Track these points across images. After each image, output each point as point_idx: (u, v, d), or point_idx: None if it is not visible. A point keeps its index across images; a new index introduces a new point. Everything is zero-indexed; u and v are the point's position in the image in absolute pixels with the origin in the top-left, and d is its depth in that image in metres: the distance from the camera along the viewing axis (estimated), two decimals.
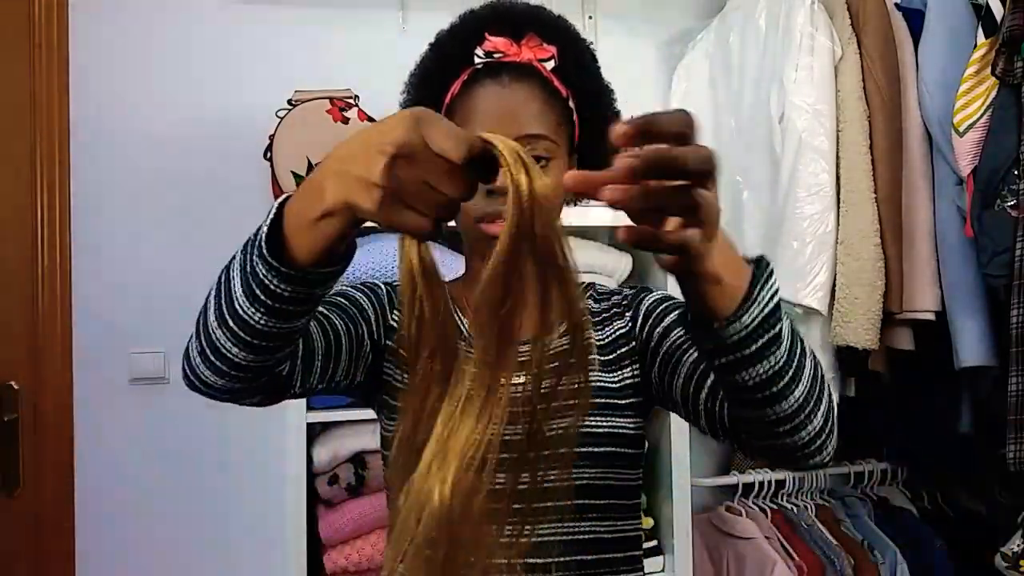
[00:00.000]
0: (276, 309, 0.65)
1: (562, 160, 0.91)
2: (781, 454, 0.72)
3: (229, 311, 0.66)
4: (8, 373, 1.76)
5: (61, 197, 1.81)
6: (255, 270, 0.64)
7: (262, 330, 0.66)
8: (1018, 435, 1.48)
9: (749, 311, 0.61)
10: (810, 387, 0.68)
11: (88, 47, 1.84)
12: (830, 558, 1.80)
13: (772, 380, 0.65)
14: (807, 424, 0.69)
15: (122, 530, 1.82)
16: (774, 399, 0.66)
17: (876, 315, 1.66)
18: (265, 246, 0.62)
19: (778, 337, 0.63)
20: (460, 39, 0.93)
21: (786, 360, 0.65)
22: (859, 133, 1.70)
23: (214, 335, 0.68)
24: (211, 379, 0.71)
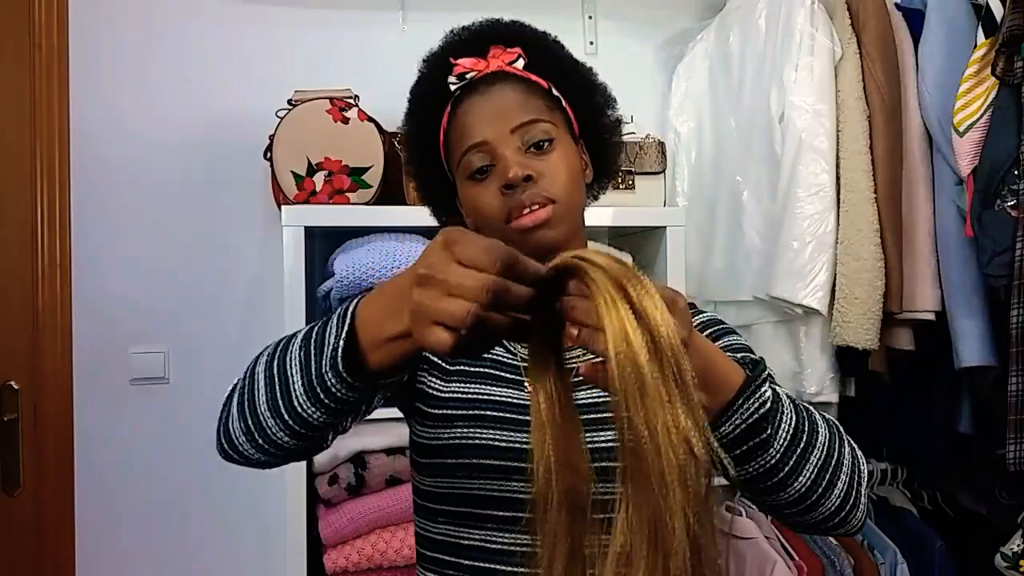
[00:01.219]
0: (337, 410, 0.66)
1: (565, 140, 0.91)
2: (798, 527, 0.73)
3: (286, 407, 0.67)
4: (8, 373, 1.76)
5: (61, 197, 1.81)
6: (323, 377, 0.64)
7: (318, 424, 0.67)
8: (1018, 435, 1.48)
9: (729, 422, 0.61)
10: (816, 475, 0.67)
11: (88, 47, 1.84)
12: (830, 558, 1.80)
13: (764, 477, 0.65)
14: (819, 505, 0.68)
15: (122, 530, 1.82)
16: (772, 490, 0.67)
17: (876, 315, 1.66)
18: (341, 359, 0.62)
19: (766, 443, 0.63)
20: (434, 74, 0.94)
21: (780, 459, 0.65)
22: (859, 133, 1.70)
23: (266, 424, 0.69)
24: (254, 456, 0.73)
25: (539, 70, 0.92)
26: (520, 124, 0.87)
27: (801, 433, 0.67)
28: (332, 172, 1.61)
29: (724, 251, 1.92)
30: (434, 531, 0.90)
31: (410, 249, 1.58)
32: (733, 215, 1.89)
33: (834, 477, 0.69)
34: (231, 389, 0.75)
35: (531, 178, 0.86)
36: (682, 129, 2.07)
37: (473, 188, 0.89)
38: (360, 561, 1.61)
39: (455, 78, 0.91)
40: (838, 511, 0.70)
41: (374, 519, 1.61)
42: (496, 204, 0.87)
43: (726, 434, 0.62)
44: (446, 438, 0.86)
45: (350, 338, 0.63)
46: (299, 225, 1.54)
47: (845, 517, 0.71)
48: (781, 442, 0.64)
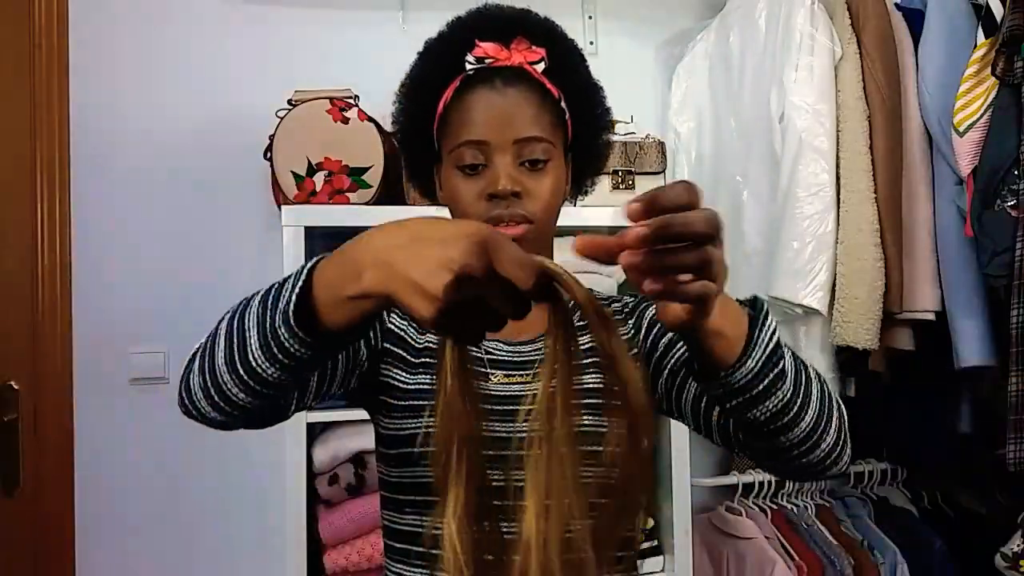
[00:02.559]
0: (291, 367, 0.66)
1: (559, 161, 0.92)
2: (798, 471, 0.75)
3: (242, 361, 0.67)
4: (8, 373, 1.75)
5: (61, 197, 1.81)
6: (276, 331, 0.64)
7: (273, 382, 0.67)
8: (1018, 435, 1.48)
9: (752, 355, 0.64)
10: (819, 410, 0.70)
11: (88, 47, 1.84)
12: (830, 558, 1.80)
13: (781, 413, 0.67)
14: (820, 443, 0.71)
15: (122, 530, 1.82)
16: (785, 428, 0.69)
17: (876, 315, 1.66)
18: (294, 314, 0.62)
19: (782, 373, 0.66)
20: (450, 47, 0.93)
21: (792, 391, 0.67)
22: (859, 133, 1.70)
23: (221, 379, 0.69)
24: (210, 414, 0.73)
25: (556, 77, 0.92)
26: (525, 138, 0.88)
27: (800, 365, 0.69)
28: (332, 172, 1.61)
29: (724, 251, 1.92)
30: (401, 523, 0.90)
31: None
32: (733, 215, 1.89)
33: (831, 409, 0.72)
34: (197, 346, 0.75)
35: (518, 195, 0.87)
36: (682, 129, 2.07)
37: (459, 180, 0.90)
38: (360, 561, 1.61)
39: (473, 59, 0.91)
40: (834, 447, 0.73)
41: (374, 519, 1.61)
42: (477, 206, 0.88)
43: (752, 368, 0.64)
44: (412, 427, 0.87)
45: (304, 294, 0.63)
46: (299, 225, 1.54)
47: (839, 454, 0.74)
48: (791, 372, 0.67)
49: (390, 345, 0.91)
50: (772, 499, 1.93)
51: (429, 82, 0.94)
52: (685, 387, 0.84)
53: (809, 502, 1.94)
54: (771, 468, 0.80)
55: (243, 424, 0.74)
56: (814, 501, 1.95)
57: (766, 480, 1.90)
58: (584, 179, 1.02)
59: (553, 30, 0.96)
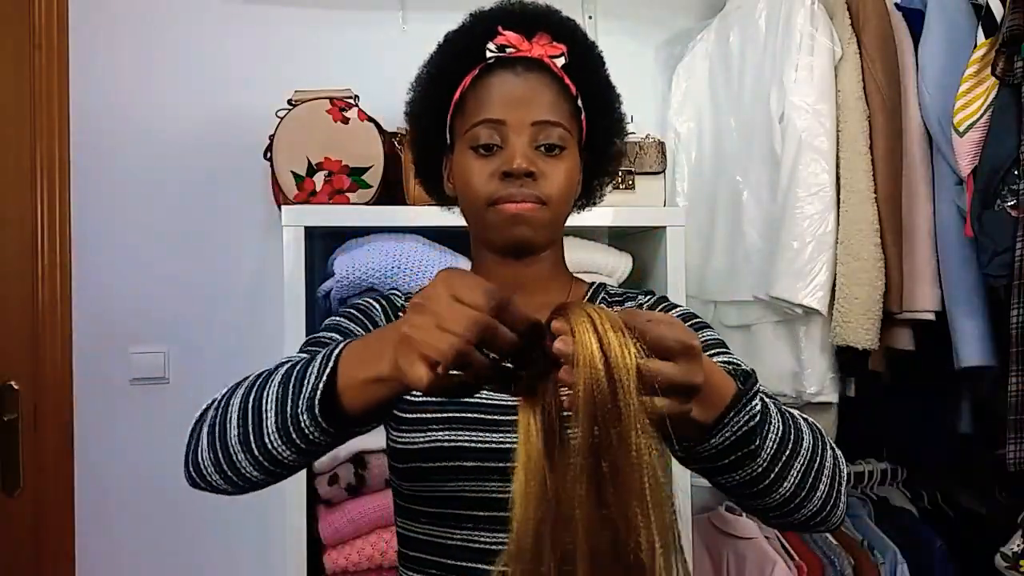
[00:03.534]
0: (307, 451, 0.66)
1: (574, 152, 0.91)
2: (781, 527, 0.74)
3: (257, 443, 0.67)
4: (8, 373, 1.76)
5: (61, 197, 1.81)
6: (297, 417, 0.64)
7: (288, 463, 0.67)
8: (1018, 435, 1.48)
9: (719, 435, 0.61)
10: (800, 480, 0.68)
11: (88, 47, 1.84)
12: (830, 558, 1.80)
13: (750, 483, 0.65)
14: (801, 509, 0.69)
15: (122, 530, 1.82)
16: (757, 496, 0.67)
17: (876, 315, 1.66)
18: (319, 402, 0.62)
19: (753, 454, 0.63)
20: (472, 36, 0.92)
21: (766, 468, 0.65)
22: (859, 133, 1.70)
23: (235, 457, 0.69)
24: (222, 486, 0.74)
25: (575, 75, 0.92)
26: (543, 120, 0.87)
27: (787, 442, 0.67)
28: (332, 172, 1.61)
29: (724, 251, 1.92)
30: (417, 531, 0.90)
31: (410, 249, 1.58)
32: (733, 215, 1.89)
33: (816, 481, 0.69)
34: (201, 414, 0.75)
35: (532, 175, 0.86)
36: (682, 129, 2.07)
37: (472, 160, 0.88)
38: (360, 561, 1.61)
39: (495, 47, 0.90)
40: (819, 512, 0.71)
41: (374, 519, 1.61)
42: (489, 185, 0.87)
43: (716, 445, 0.62)
44: (421, 442, 0.86)
45: (330, 381, 0.63)
46: (299, 225, 1.54)
47: (826, 517, 0.72)
48: (768, 452, 0.65)
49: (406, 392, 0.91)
50: None
51: (449, 69, 0.93)
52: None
53: None
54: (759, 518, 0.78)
55: (251, 491, 0.75)
56: None
57: None
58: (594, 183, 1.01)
59: (575, 30, 0.95)
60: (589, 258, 1.72)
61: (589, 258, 1.72)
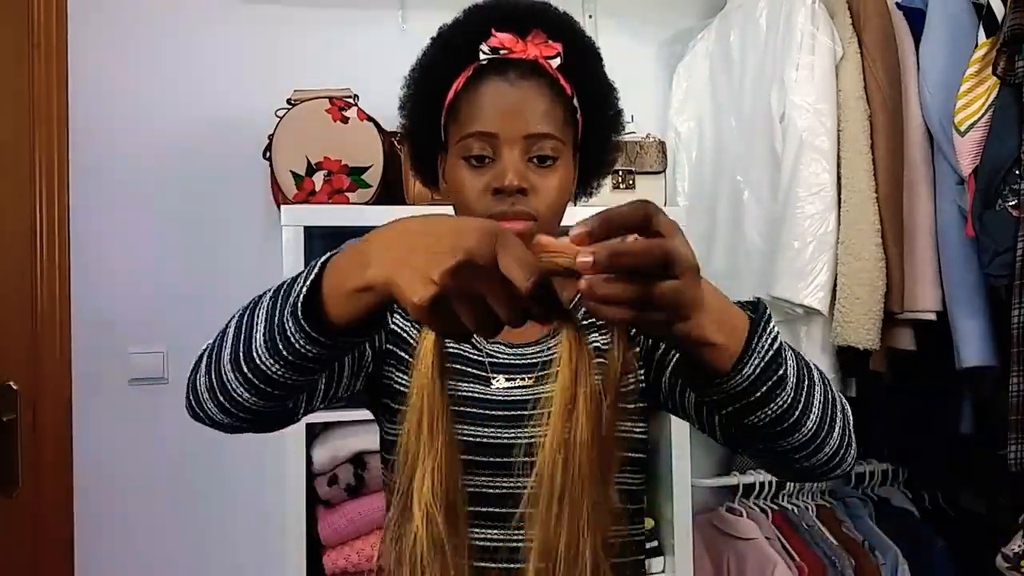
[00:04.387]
0: (297, 365, 0.65)
1: (567, 159, 0.91)
2: (801, 474, 0.73)
3: (246, 359, 0.66)
4: (7, 373, 1.75)
5: (60, 197, 1.81)
6: (283, 325, 0.63)
7: (278, 381, 0.66)
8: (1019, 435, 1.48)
9: (749, 363, 0.61)
10: (822, 413, 0.68)
11: (88, 47, 1.84)
12: (831, 559, 1.80)
13: (782, 418, 0.65)
14: (824, 447, 0.69)
15: (121, 530, 1.81)
16: (786, 433, 0.67)
17: (877, 315, 1.66)
18: (301, 307, 0.62)
19: (782, 379, 0.63)
20: (465, 34, 0.92)
21: (793, 396, 0.65)
22: (860, 133, 1.70)
23: (226, 377, 0.68)
24: (217, 416, 0.72)
25: (570, 74, 0.91)
26: (535, 133, 0.86)
27: (803, 369, 0.67)
28: (331, 172, 1.61)
29: (725, 251, 1.92)
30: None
31: None
32: (734, 215, 1.89)
33: (834, 412, 0.70)
34: (203, 348, 0.74)
35: (524, 191, 0.86)
36: (682, 128, 2.07)
37: (464, 171, 0.88)
38: (360, 562, 1.61)
39: (488, 49, 0.89)
40: (839, 449, 0.71)
41: (374, 519, 1.61)
42: (482, 201, 0.86)
43: (749, 375, 0.61)
44: None
45: (315, 288, 0.62)
46: (298, 225, 1.54)
47: (844, 456, 0.72)
48: (792, 378, 0.65)
49: (392, 346, 0.90)
50: (773, 500, 1.92)
51: (441, 69, 0.92)
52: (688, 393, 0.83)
53: (810, 503, 1.93)
54: (774, 470, 0.79)
55: (251, 427, 0.74)
56: (815, 502, 1.94)
57: (767, 481, 1.90)
58: (591, 179, 1.01)
59: (572, 27, 0.94)
60: None
61: None
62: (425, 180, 1.01)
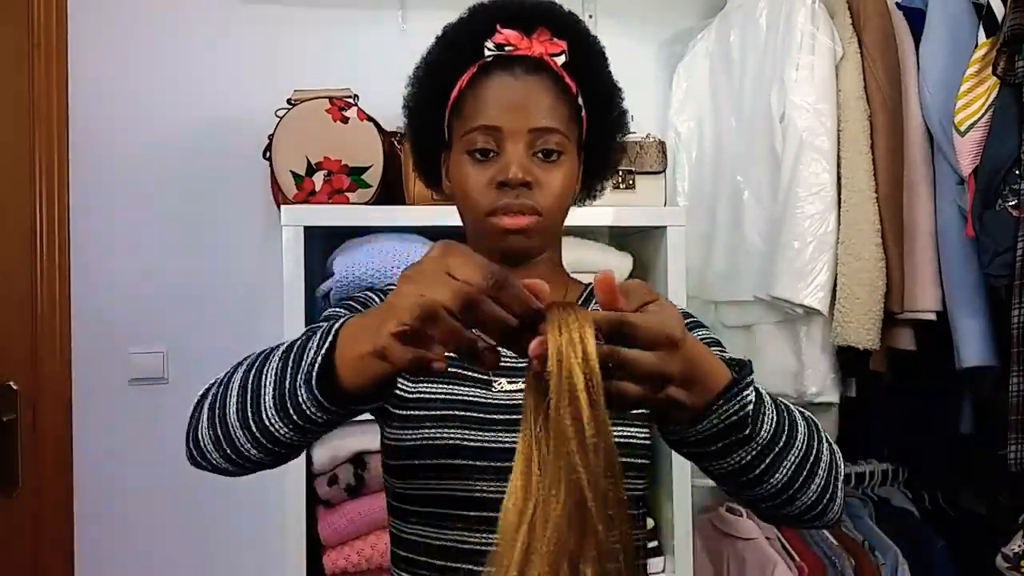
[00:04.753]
0: (306, 429, 0.65)
1: (572, 156, 0.91)
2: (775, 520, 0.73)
3: (255, 420, 0.66)
4: (7, 373, 1.75)
5: (60, 196, 1.81)
6: (295, 392, 0.63)
7: (286, 442, 0.66)
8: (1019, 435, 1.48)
9: (710, 419, 0.60)
10: (795, 471, 0.67)
11: (87, 47, 1.84)
12: (831, 559, 1.80)
13: (741, 471, 0.64)
14: (797, 498, 0.68)
15: (121, 530, 1.81)
16: (748, 485, 0.66)
17: (877, 315, 1.66)
18: (316, 376, 0.61)
19: (744, 441, 0.62)
20: (470, 31, 0.92)
21: (759, 454, 0.64)
22: (860, 133, 1.70)
23: (234, 434, 0.69)
24: (222, 465, 0.73)
25: (575, 72, 0.91)
26: (540, 127, 0.86)
27: (781, 433, 0.66)
28: (331, 172, 1.61)
29: (725, 251, 1.92)
30: (407, 531, 0.89)
31: (410, 249, 1.58)
32: (734, 215, 1.89)
33: (811, 474, 0.69)
34: (202, 393, 0.75)
35: (528, 185, 0.85)
36: (683, 128, 2.07)
37: (468, 166, 0.88)
38: (360, 562, 1.60)
39: (493, 45, 0.89)
40: (814, 506, 0.70)
41: (374, 520, 1.61)
42: (486, 195, 0.86)
43: (704, 431, 0.61)
44: (414, 439, 0.86)
45: (329, 356, 0.62)
46: (298, 225, 1.54)
47: (822, 511, 0.71)
48: (760, 441, 0.64)
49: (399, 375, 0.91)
50: None
51: (446, 66, 0.92)
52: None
53: None
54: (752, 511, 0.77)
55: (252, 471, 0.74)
56: None
57: None
58: (594, 180, 1.00)
59: (577, 25, 0.94)
60: (589, 258, 1.72)
61: (589, 258, 1.72)
62: (428, 180, 1.01)
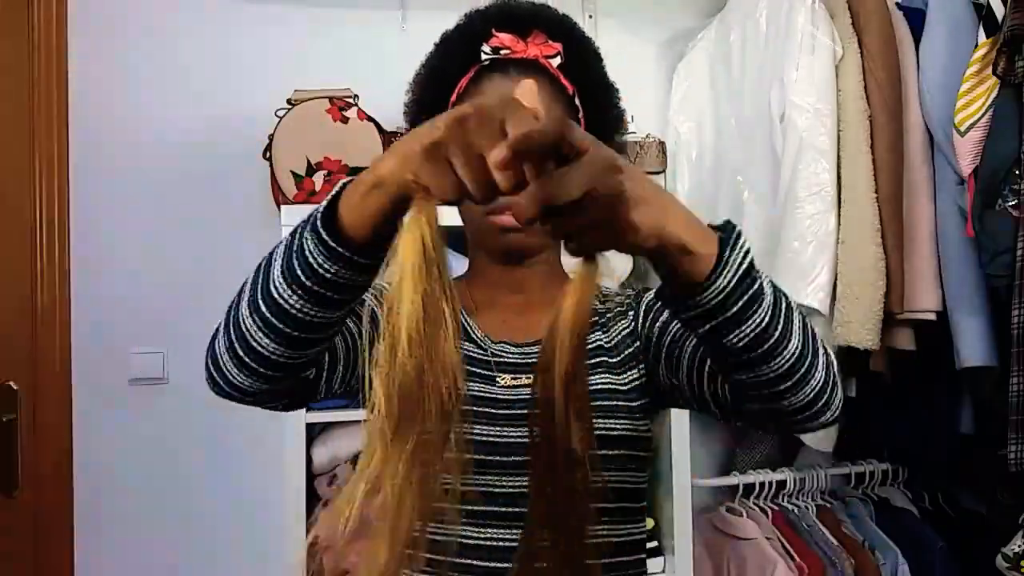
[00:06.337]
0: (315, 293, 0.64)
1: None
2: (789, 417, 0.70)
3: (264, 295, 0.66)
4: (7, 374, 1.75)
5: (60, 196, 1.81)
6: (303, 246, 0.63)
7: (296, 316, 0.65)
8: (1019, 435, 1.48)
9: (723, 273, 0.61)
10: (803, 341, 0.66)
11: (88, 47, 1.84)
12: (831, 559, 1.80)
13: (760, 338, 0.63)
14: (808, 380, 0.67)
15: (121, 531, 1.81)
16: (766, 357, 0.65)
17: (877, 315, 1.66)
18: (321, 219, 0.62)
19: (758, 296, 0.63)
20: (467, 37, 0.93)
21: (771, 316, 0.64)
22: (860, 133, 1.70)
23: (244, 323, 0.67)
24: (237, 377, 0.70)
25: (571, 73, 0.92)
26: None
27: (779, 293, 0.66)
28: (332, 172, 1.61)
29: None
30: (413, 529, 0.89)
31: None
32: (734, 215, 1.89)
33: (816, 344, 0.68)
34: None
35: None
36: (682, 129, 2.07)
37: None
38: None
39: (489, 48, 0.90)
40: (824, 387, 0.69)
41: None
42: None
43: (723, 287, 0.61)
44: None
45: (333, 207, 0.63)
46: None
47: (830, 396, 0.71)
48: (768, 296, 0.64)
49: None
50: (773, 500, 1.92)
51: (444, 72, 0.93)
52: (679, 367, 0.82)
53: (810, 503, 1.93)
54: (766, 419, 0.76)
55: (271, 395, 0.72)
56: (815, 502, 1.94)
57: (767, 481, 1.90)
58: None
59: (571, 27, 0.95)
60: None
61: None
62: None
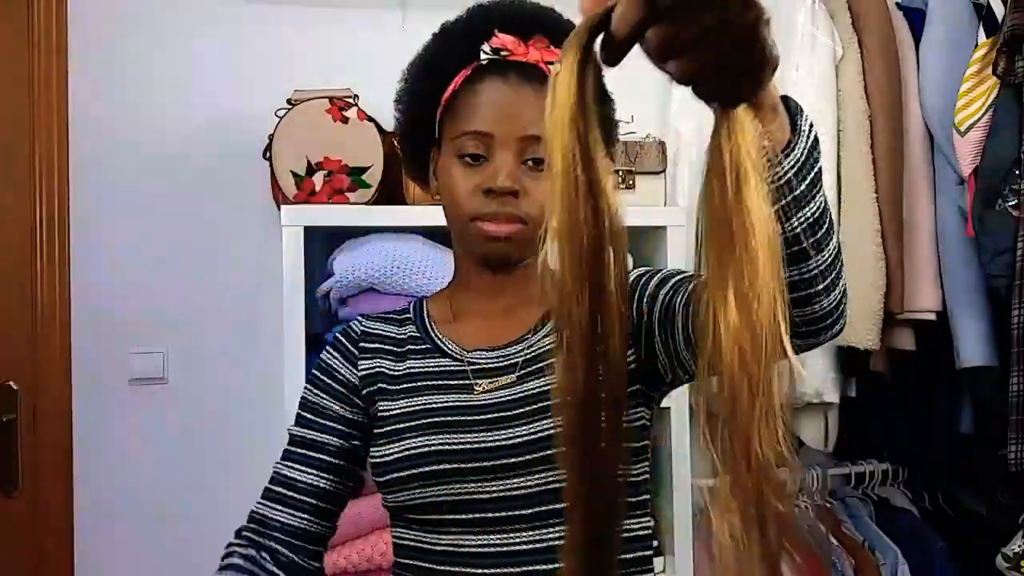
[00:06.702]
0: None
1: None
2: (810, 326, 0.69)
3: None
4: (7, 373, 1.75)
5: (60, 196, 1.81)
6: None
7: None
8: (1019, 435, 1.48)
9: (798, 145, 0.59)
10: (836, 247, 0.67)
11: (87, 47, 1.84)
12: (831, 559, 1.80)
13: (818, 223, 0.62)
14: (839, 279, 0.68)
15: (121, 531, 1.81)
16: (818, 246, 0.64)
17: (877, 315, 1.66)
18: None
19: (820, 174, 0.62)
20: (468, 33, 0.92)
21: (825, 202, 0.63)
22: (860, 133, 1.70)
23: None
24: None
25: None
26: (530, 136, 0.86)
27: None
28: (332, 172, 1.61)
29: None
30: (407, 538, 0.89)
31: (409, 249, 1.58)
32: None
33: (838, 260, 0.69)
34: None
35: (515, 194, 0.85)
36: (683, 128, 2.06)
37: (457, 169, 0.88)
38: (359, 562, 1.60)
39: (489, 49, 0.89)
40: (844, 290, 0.70)
41: (374, 519, 1.60)
42: (472, 201, 0.86)
43: (798, 159, 0.59)
44: (396, 452, 0.86)
45: None
46: (298, 225, 1.54)
47: (845, 305, 0.71)
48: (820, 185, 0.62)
49: (370, 388, 0.92)
50: None
51: (441, 65, 0.92)
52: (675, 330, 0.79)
53: (810, 503, 1.93)
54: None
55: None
56: (815, 502, 1.94)
57: None
58: None
59: None
60: None
61: None
62: (416, 176, 1.01)
